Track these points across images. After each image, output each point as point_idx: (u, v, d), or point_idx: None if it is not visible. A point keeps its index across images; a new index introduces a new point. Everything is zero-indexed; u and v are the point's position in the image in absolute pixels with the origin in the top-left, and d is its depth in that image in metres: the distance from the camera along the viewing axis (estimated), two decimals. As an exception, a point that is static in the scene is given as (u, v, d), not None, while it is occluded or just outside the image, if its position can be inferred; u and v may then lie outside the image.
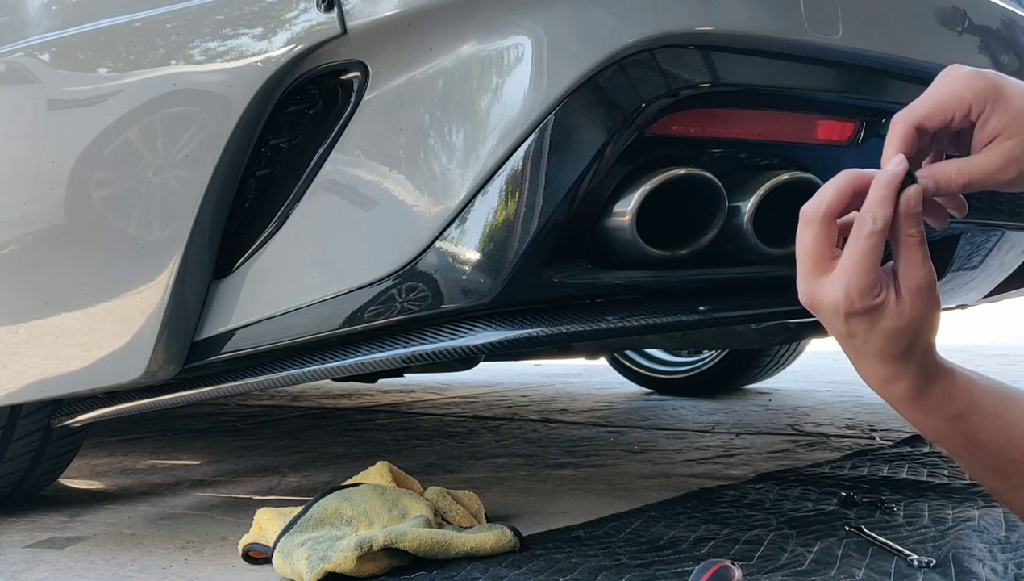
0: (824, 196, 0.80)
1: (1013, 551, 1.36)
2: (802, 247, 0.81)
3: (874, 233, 0.77)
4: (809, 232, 0.80)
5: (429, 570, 1.37)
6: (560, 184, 1.21)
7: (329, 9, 1.24)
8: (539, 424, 2.85)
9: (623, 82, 1.22)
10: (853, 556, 1.38)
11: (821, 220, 0.80)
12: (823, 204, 0.80)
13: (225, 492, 2.02)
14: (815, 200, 0.81)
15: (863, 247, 0.78)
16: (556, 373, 4.31)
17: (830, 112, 1.43)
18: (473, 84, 1.23)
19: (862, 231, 0.78)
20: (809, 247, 0.81)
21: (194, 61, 1.32)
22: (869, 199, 0.78)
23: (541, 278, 1.25)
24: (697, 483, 1.95)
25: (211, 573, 1.45)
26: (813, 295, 0.81)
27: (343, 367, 1.34)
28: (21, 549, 1.61)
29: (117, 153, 1.38)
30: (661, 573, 1.33)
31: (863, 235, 0.78)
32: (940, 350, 0.84)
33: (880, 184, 0.78)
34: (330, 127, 1.29)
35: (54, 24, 1.47)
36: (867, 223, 0.78)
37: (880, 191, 0.78)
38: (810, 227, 0.80)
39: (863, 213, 0.78)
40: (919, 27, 1.46)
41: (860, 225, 0.78)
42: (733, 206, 1.33)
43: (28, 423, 1.74)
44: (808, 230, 0.81)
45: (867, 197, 0.79)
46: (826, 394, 3.34)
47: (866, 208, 0.78)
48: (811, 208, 0.81)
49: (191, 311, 1.37)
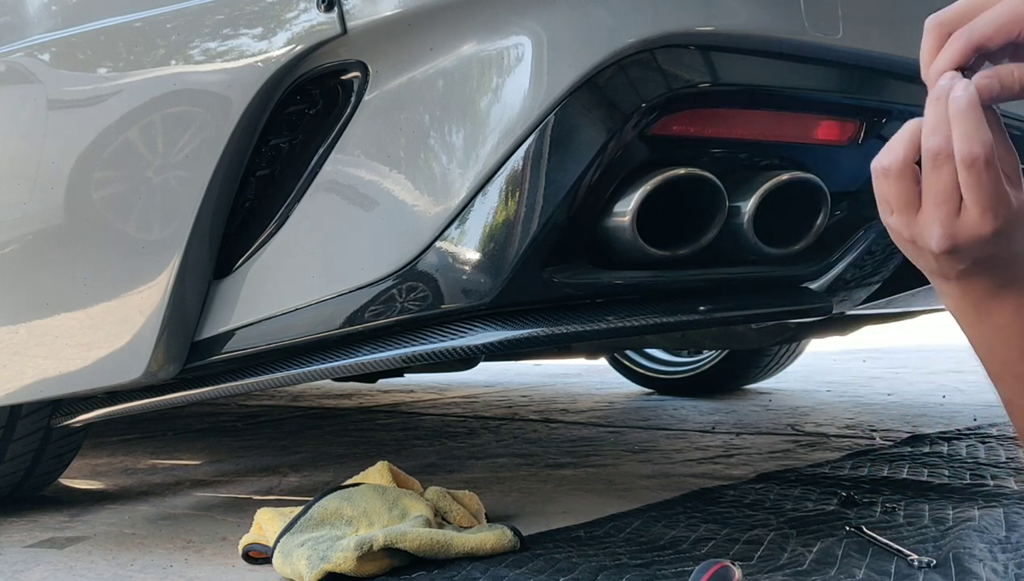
0: (895, 147, 0.77)
1: (1013, 551, 1.36)
2: (939, 192, 0.76)
3: (990, 160, 0.73)
4: (943, 172, 0.76)
5: (429, 570, 1.37)
6: (560, 184, 1.21)
7: (329, 9, 1.24)
8: (539, 424, 2.85)
9: (623, 82, 1.22)
10: (853, 556, 1.38)
11: (900, 173, 0.77)
12: (897, 158, 0.77)
13: (225, 492, 2.02)
14: (890, 156, 0.77)
15: (991, 177, 0.74)
16: (556, 373, 4.31)
17: (830, 112, 1.43)
18: (473, 84, 1.23)
19: (976, 166, 0.74)
20: (947, 189, 0.76)
21: (194, 61, 1.32)
22: (961, 132, 0.74)
23: (541, 278, 1.25)
24: (697, 483, 1.95)
25: (211, 573, 1.45)
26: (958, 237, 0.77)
27: (343, 367, 1.34)
28: (21, 549, 1.61)
29: (117, 153, 1.38)
30: (661, 573, 1.33)
31: (981, 169, 0.74)
32: (940, 350, 0.83)
33: (962, 110, 0.74)
34: (330, 127, 1.29)
35: (54, 24, 1.47)
36: (979, 158, 0.74)
37: (968, 115, 0.74)
38: (943, 165, 0.76)
39: (967, 150, 0.74)
40: (919, 27, 1.46)
41: (972, 163, 0.74)
42: (733, 206, 1.33)
43: (28, 423, 1.74)
44: (942, 170, 0.76)
45: (956, 131, 0.74)
46: (826, 394, 3.34)
47: (966, 144, 0.74)
48: (891, 163, 0.77)
49: (191, 311, 1.37)
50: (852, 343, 4.37)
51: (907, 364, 4.25)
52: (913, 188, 0.78)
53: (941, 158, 0.76)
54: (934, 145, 0.76)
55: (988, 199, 0.75)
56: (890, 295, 1.77)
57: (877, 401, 3.15)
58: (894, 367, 4.14)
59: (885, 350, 4.77)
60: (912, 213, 0.79)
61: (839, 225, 1.50)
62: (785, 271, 1.47)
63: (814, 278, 1.51)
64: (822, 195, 1.39)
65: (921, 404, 3.05)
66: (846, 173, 1.48)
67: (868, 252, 1.55)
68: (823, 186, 1.39)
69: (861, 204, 1.52)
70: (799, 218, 1.41)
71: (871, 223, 1.53)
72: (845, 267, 1.53)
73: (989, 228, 0.76)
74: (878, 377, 3.82)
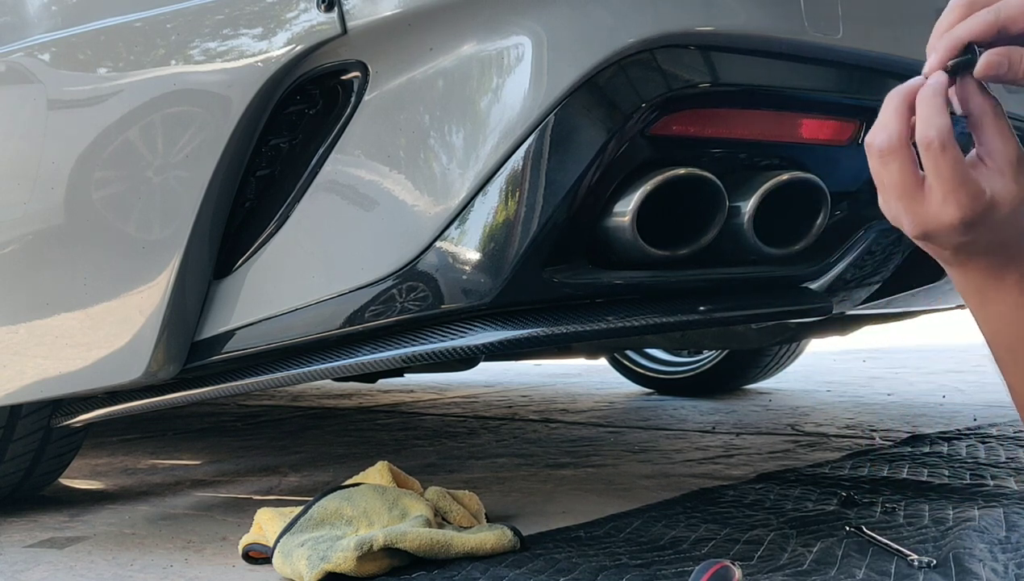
0: (890, 126, 0.77)
1: (1013, 551, 1.36)
2: (891, 182, 0.77)
3: (945, 145, 0.74)
4: (892, 165, 0.77)
5: (429, 570, 1.37)
6: (560, 184, 1.21)
7: (329, 9, 1.24)
8: (539, 424, 2.85)
9: (623, 82, 1.22)
10: (853, 556, 1.38)
11: (898, 150, 0.76)
12: (893, 134, 0.77)
13: (225, 492, 2.02)
14: (883, 132, 0.77)
15: (947, 162, 0.75)
16: (556, 373, 4.31)
17: (830, 112, 1.43)
18: (473, 84, 1.23)
19: (932, 150, 0.74)
20: (899, 180, 0.77)
21: (194, 61, 1.32)
22: (921, 116, 0.75)
23: (541, 278, 1.25)
24: (697, 483, 1.95)
25: (211, 573, 1.45)
26: (927, 224, 0.77)
27: (343, 367, 1.34)
28: (21, 549, 1.61)
29: (117, 153, 1.38)
30: (661, 573, 1.33)
31: (937, 154, 0.74)
32: (940, 350, 0.84)
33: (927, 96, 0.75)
34: (330, 127, 1.29)
35: (54, 24, 1.47)
36: (934, 142, 0.74)
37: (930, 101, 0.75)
38: (891, 160, 0.77)
39: (923, 134, 0.75)
40: (919, 27, 1.46)
41: (927, 148, 0.75)
42: (733, 206, 1.33)
43: (28, 423, 1.74)
44: (890, 163, 0.77)
45: (918, 114, 0.75)
46: (826, 394, 3.34)
47: (922, 128, 0.75)
48: (883, 140, 0.77)
49: (191, 311, 1.37)
50: (852, 343, 4.36)
51: (907, 364, 4.25)
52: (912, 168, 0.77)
53: (886, 153, 0.77)
54: (881, 140, 0.77)
55: (947, 183, 0.75)
56: (890, 295, 1.77)
57: (877, 401, 3.14)
58: (894, 367, 4.14)
59: (885, 350, 4.77)
60: (889, 197, 0.79)
61: (839, 225, 1.50)
62: (785, 271, 1.47)
63: (814, 278, 1.51)
64: (822, 195, 1.39)
65: (921, 404, 3.05)
66: (846, 173, 1.48)
67: (868, 252, 1.55)
68: (823, 186, 1.39)
69: (861, 204, 1.52)
70: (799, 218, 1.41)
71: (871, 223, 1.53)
72: (845, 267, 1.53)
73: (952, 215, 0.76)
74: (878, 377, 3.82)
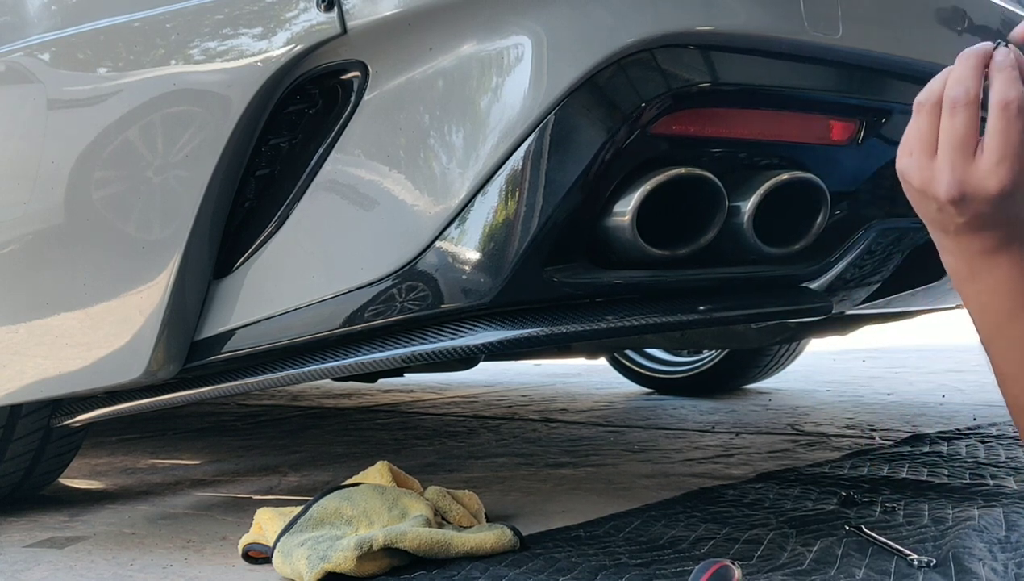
0: (967, 81, 0.77)
1: (1013, 551, 1.36)
2: (953, 134, 0.77)
3: (1022, 109, 0.75)
4: (961, 117, 0.77)
5: (429, 570, 1.37)
6: (560, 184, 1.21)
7: (329, 9, 1.24)
8: (539, 424, 2.85)
9: (623, 82, 1.22)
10: (853, 556, 1.38)
11: (971, 104, 0.77)
12: (971, 88, 0.77)
13: (225, 492, 2.02)
14: (960, 85, 0.77)
15: (1018, 127, 0.75)
16: (556, 373, 4.31)
17: (830, 112, 1.43)
18: (473, 84, 1.23)
19: (1009, 111, 0.75)
20: (962, 133, 0.77)
21: (194, 61, 1.33)
22: (1000, 79, 0.76)
23: (541, 278, 1.25)
24: (697, 483, 1.95)
25: (211, 573, 1.45)
26: (968, 184, 0.77)
27: (343, 367, 1.34)
28: (21, 549, 1.61)
29: (117, 153, 1.38)
30: (661, 572, 1.33)
31: (1012, 115, 0.75)
32: (940, 350, 0.84)
33: (1004, 64, 0.76)
34: (330, 127, 1.30)
35: (54, 24, 1.47)
36: (1012, 104, 0.75)
37: (1007, 70, 0.76)
38: (962, 112, 0.77)
39: (1003, 95, 0.76)
40: (919, 27, 1.46)
41: (1005, 107, 0.75)
42: (733, 206, 1.33)
43: (28, 423, 1.74)
44: (960, 115, 0.77)
45: (997, 78, 0.76)
46: (826, 394, 3.34)
47: (1003, 89, 0.76)
48: (960, 93, 0.77)
49: (191, 311, 1.37)
50: (852, 343, 4.36)
51: (907, 364, 4.25)
52: (977, 125, 0.78)
53: (960, 105, 0.77)
54: (957, 93, 0.77)
55: (1009, 147, 0.76)
56: (890, 295, 1.77)
57: (877, 401, 3.15)
58: (894, 367, 4.14)
59: (885, 350, 4.77)
60: (930, 155, 0.79)
61: (839, 225, 1.50)
62: (785, 271, 1.47)
63: (814, 278, 1.51)
64: (822, 195, 1.39)
65: (921, 404, 3.05)
66: (846, 173, 1.48)
67: (868, 252, 1.55)
68: (823, 186, 1.39)
69: (861, 204, 1.52)
70: (799, 218, 1.41)
71: (871, 223, 1.53)
72: (845, 267, 1.53)
73: (1001, 179, 0.77)
74: (878, 377, 3.82)
